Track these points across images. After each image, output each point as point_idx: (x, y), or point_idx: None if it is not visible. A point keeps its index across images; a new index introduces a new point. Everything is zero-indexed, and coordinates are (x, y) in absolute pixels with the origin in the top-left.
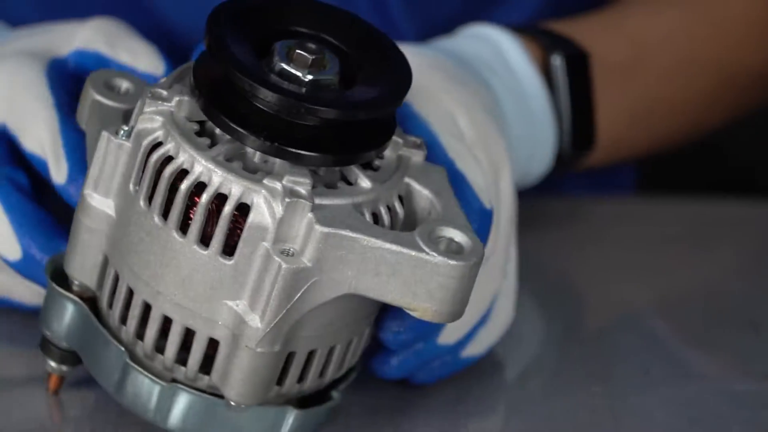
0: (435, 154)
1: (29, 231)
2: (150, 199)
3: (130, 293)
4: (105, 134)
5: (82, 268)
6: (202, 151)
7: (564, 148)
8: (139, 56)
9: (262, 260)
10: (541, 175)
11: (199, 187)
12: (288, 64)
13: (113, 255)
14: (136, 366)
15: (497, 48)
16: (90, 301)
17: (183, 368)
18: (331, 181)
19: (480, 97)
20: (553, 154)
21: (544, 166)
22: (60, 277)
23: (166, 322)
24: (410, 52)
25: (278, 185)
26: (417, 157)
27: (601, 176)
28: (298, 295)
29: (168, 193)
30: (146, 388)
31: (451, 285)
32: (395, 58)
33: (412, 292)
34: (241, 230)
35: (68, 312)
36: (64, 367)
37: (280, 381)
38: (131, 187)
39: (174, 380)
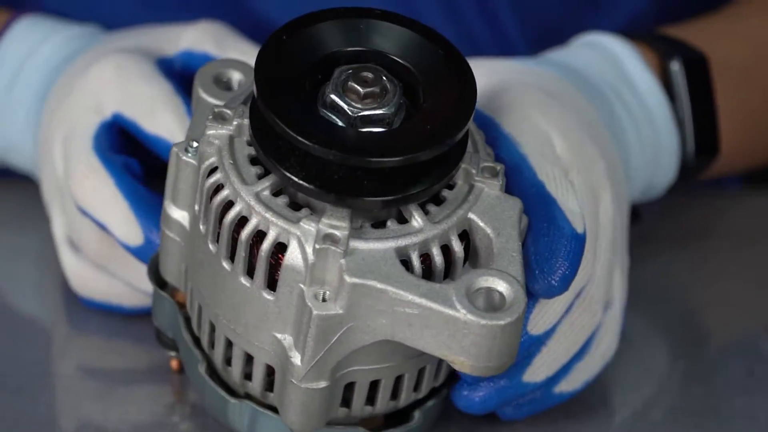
0: (524, 177)
1: (149, 216)
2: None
3: (200, 308)
4: (174, 150)
5: (171, 271)
6: (247, 185)
7: (688, 156)
8: (249, 57)
9: (299, 300)
10: (666, 187)
11: (243, 221)
12: (340, 96)
13: (188, 267)
14: (208, 378)
15: (613, 57)
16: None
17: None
18: (382, 218)
19: (582, 116)
20: (677, 163)
21: (669, 177)
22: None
23: (229, 343)
24: (513, 69)
25: (313, 228)
26: (491, 187)
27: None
28: (334, 339)
29: (218, 222)
30: (220, 400)
31: (485, 343)
32: (464, 84)
33: (446, 345)
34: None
35: (166, 308)
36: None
37: (347, 403)
38: (195, 206)
39: (247, 394)
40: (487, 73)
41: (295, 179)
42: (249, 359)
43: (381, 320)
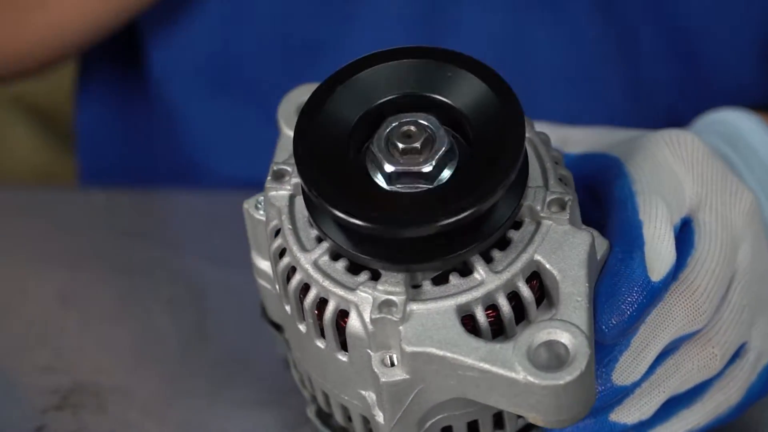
0: (626, 213)
1: None
2: None
3: (295, 361)
4: (245, 207)
5: (273, 313)
6: (305, 251)
7: None
8: None
9: (369, 363)
10: None
11: (306, 287)
12: (382, 151)
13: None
14: (317, 421)
15: (738, 130)
16: None
17: None
18: (445, 272)
19: (719, 160)
20: None
21: None
22: None
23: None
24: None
25: (369, 296)
26: (558, 222)
27: None
28: (408, 400)
29: (284, 287)
30: None
31: (550, 401)
32: (512, 126)
33: (515, 404)
34: None
35: (277, 339)
36: None
37: None
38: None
39: None
40: (619, 133)
41: (347, 248)
42: (346, 408)
43: (450, 381)
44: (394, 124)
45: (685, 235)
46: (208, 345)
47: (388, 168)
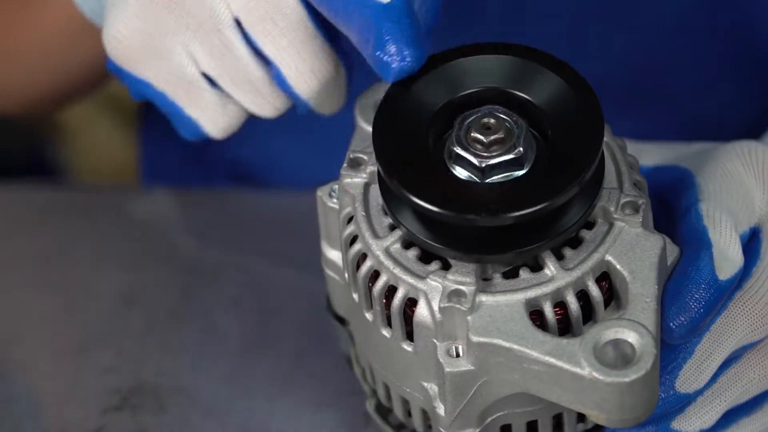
0: (690, 220)
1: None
2: None
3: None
4: (319, 195)
5: (339, 307)
6: (378, 238)
7: None
8: None
9: (435, 353)
10: None
11: (376, 274)
12: (465, 148)
13: (347, 309)
14: (376, 416)
15: None
16: None
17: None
18: (515, 264)
19: None
20: None
21: None
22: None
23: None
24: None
25: (439, 284)
26: (631, 225)
27: None
28: (471, 392)
29: (354, 273)
30: None
31: (614, 399)
32: (591, 118)
33: (579, 400)
34: None
35: (341, 332)
36: None
37: None
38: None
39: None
40: (693, 146)
41: (420, 237)
42: (407, 401)
43: (513, 375)
44: (474, 116)
45: (752, 245)
46: (269, 346)
47: (465, 158)
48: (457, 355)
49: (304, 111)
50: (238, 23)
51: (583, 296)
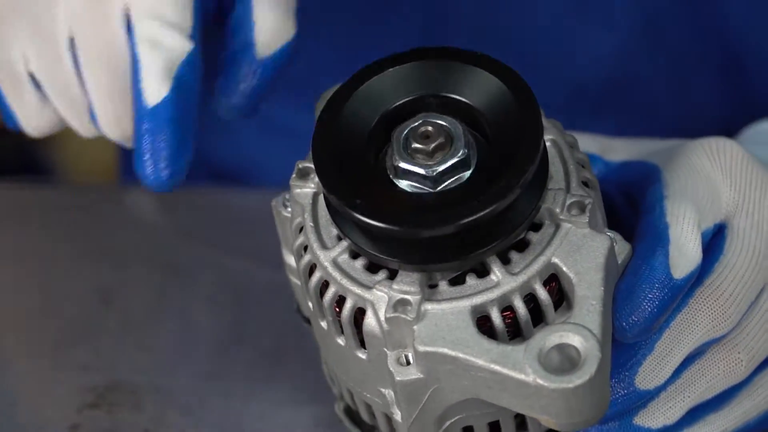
0: (654, 216)
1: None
2: None
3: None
4: (273, 204)
5: (306, 309)
6: (326, 249)
7: None
8: None
9: (386, 361)
10: None
11: (326, 284)
12: (409, 161)
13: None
14: (345, 418)
15: None
16: None
17: None
18: (463, 272)
19: (761, 166)
20: None
21: None
22: None
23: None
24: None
25: (385, 294)
26: (578, 225)
27: None
28: (425, 399)
29: (305, 283)
30: None
31: (561, 404)
32: (528, 116)
33: (528, 405)
34: None
35: (313, 337)
36: None
37: None
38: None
39: None
40: (661, 143)
41: (364, 248)
42: (369, 405)
43: (463, 381)
44: (412, 126)
45: (716, 240)
46: (245, 344)
47: (412, 171)
48: (408, 363)
49: None
50: (72, 44)
51: (531, 299)
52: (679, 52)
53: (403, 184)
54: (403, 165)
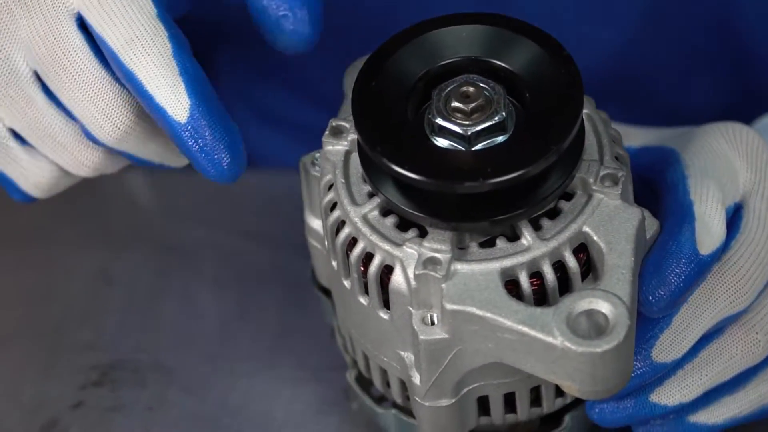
0: (677, 194)
1: (199, 92)
2: None
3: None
4: (302, 162)
5: (323, 277)
6: (356, 205)
7: None
8: None
9: (410, 322)
10: None
11: (354, 241)
12: (447, 119)
13: (329, 278)
14: (357, 387)
15: None
16: None
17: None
18: (493, 235)
19: None
20: None
21: None
22: None
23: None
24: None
25: (415, 251)
26: (610, 197)
27: None
28: (446, 361)
29: (333, 241)
30: (368, 407)
31: (586, 369)
32: (570, 84)
33: (552, 370)
34: None
35: (325, 304)
36: None
37: (488, 412)
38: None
39: (394, 404)
40: (678, 129)
41: (397, 204)
42: (385, 371)
43: (487, 344)
44: (453, 85)
45: (735, 219)
46: (248, 323)
47: (448, 128)
48: (432, 324)
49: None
50: (38, 76)
51: (560, 267)
52: (680, 45)
53: (440, 141)
54: (441, 122)
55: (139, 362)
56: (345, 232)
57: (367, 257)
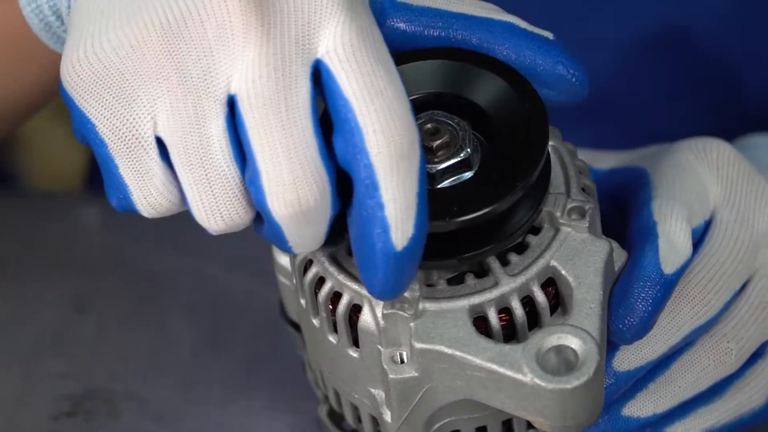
0: (642, 217)
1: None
2: None
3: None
4: None
5: (291, 310)
6: (324, 245)
7: None
8: None
9: (379, 360)
10: None
11: (322, 280)
12: None
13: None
14: (328, 421)
15: None
16: None
17: None
18: (461, 271)
19: (748, 166)
20: None
21: None
22: None
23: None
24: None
25: None
26: (577, 230)
27: None
28: (417, 399)
29: (301, 280)
30: None
31: (556, 405)
32: (533, 118)
33: (522, 407)
34: None
35: (295, 338)
36: None
37: None
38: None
39: None
40: (651, 148)
41: None
42: (356, 407)
43: (457, 381)
44: (418, 122)
45: (704, 234)
46: (222, 352)
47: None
48: (402, 362)
49: (270, 235)
50: (232, 101)
51: (528, 302)
52: (656, 70)
53: None
54: None
55: (113, 392)
56: (312, 271)
57: (336, 296)
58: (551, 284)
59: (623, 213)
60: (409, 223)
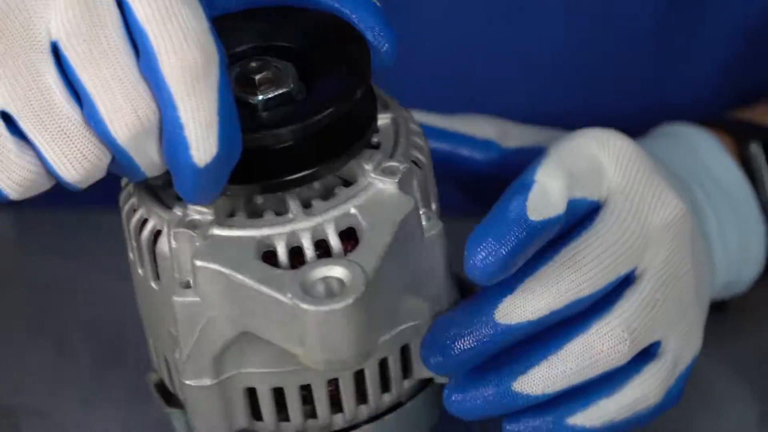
0: (525, 172)
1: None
2: None
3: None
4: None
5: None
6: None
7: None
8: None
9: (173, 290)
10: (752, 280)
11: (140, 217)
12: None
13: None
14: (153, 389)
15: (691, 144)
16: None
17: None
18: (263, 208)
19: (651, 160)
20: (765, 252)
21: (756, 268)
22: None
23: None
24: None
25: (181, 214)
26: (386, 185)
27: None
28: (199, 328)
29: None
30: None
31: (315, 332)
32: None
33: (287, 336)
34: None
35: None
36: None
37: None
38: None
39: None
40: (558, 132)
41: None
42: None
43: (236, 310)
44: (236, 69)
45: (595, 215)
46: (124, 366)
47: (249, 100)
48: (189, 287)
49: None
50: (55, 48)
51: (323, 246)
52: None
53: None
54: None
55: (14, 407)
56: (128, 203)
57: (144, 224)
58: (353, 237)
59: None
60: (211, 141)
